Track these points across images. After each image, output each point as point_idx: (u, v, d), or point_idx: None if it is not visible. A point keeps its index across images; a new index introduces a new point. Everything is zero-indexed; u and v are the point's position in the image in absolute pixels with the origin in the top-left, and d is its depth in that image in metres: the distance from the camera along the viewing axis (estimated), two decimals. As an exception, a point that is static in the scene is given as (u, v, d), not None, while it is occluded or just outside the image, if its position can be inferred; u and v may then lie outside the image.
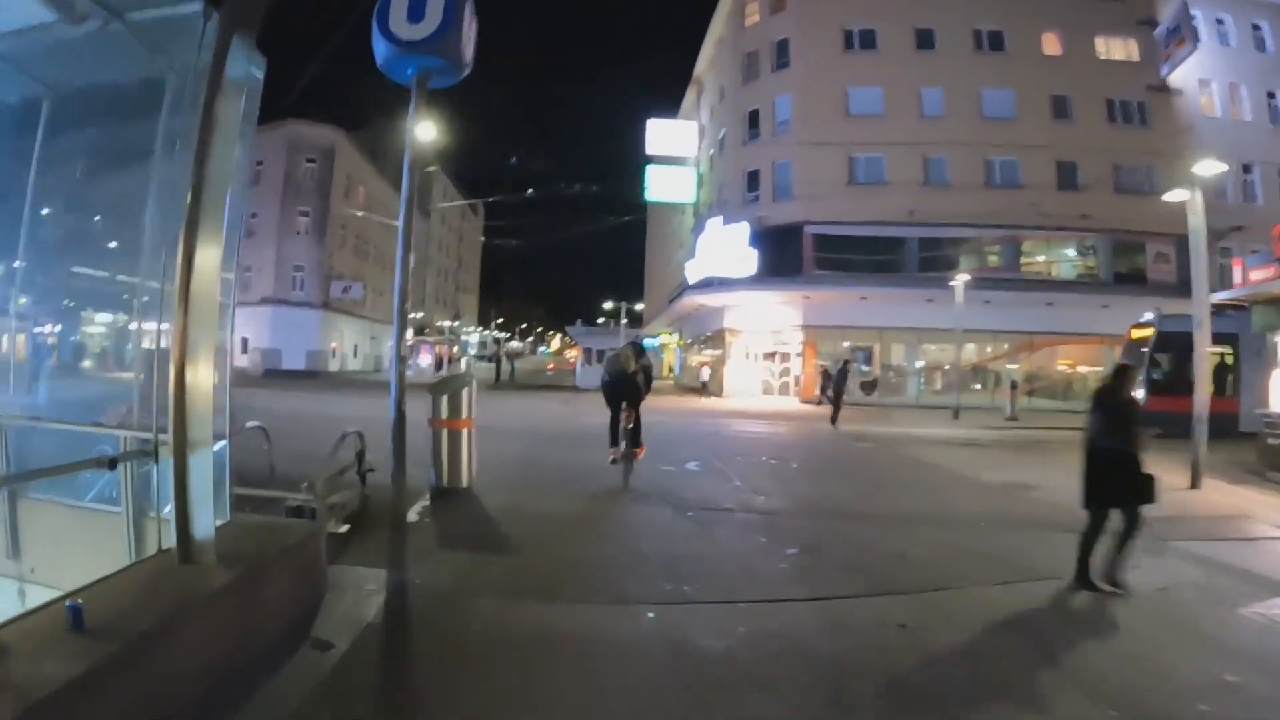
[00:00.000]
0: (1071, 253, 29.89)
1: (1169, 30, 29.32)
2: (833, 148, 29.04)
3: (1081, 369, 29.94)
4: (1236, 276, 13.46)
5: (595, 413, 19.12)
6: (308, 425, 14.87)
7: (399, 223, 6.16)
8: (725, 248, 29.42)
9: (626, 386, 9.29)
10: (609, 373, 9.47)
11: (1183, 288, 27.91)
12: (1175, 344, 18.76)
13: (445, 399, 7.85)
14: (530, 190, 26.84)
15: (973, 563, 6.05)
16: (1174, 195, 12.75)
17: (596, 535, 6.50)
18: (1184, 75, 29.57)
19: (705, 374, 31.45)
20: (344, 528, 6.02)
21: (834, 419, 18.11)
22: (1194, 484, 10.59)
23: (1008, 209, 28.07)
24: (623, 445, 9.23)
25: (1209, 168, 12.38)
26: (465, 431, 7.95)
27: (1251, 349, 19.04)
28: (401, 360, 6.15)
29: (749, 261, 28.66)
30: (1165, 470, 12.55)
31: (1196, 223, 11.73)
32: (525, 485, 8.68)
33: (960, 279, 23.45)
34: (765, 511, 7.80)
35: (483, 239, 79.24)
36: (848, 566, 5.76)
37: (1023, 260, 29.53)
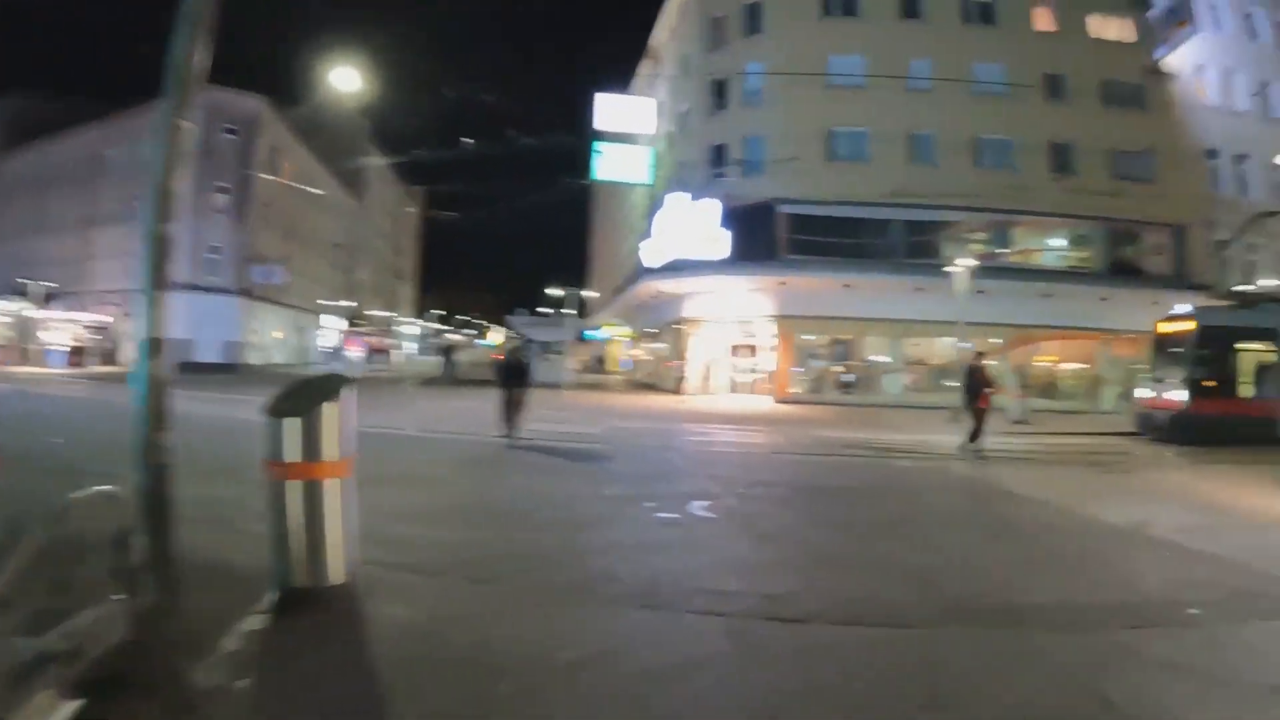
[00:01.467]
0: (1065, 241, 27.64)
1: (1168, 11, 28.00)
2: (810, 120, 26.02)
3: (1067, 366, 27.59)
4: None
5: (557, 418, 15.59)
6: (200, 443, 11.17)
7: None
8: (692, 227, 26.15)
9: (521, 374, 12.67)
10: (509, 363, 12.96)
11: (1178, 280, 26.46)
12: (1220, 339, 16.53)
13: (296, 427, 4.09)
14: (470, 140, 22.51)
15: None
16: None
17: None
18: (1179, 60, 28.42)
19: (683, 369, 28.05)
20: (66, 710, 2.48)
21: (975, 436, 12.76)
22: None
23: (999, 192, 25.50)
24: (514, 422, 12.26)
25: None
26: (333, 484, 4.22)
27: None
28: (154, 353, 2.76)
29: (720, 242, 25.44)
30: (1255, 490, 10.10)
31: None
32: (454, 569, 4.95)
33: (964, 264, 20.79)
34: (879, 619, 4.30)
35: (411, 209, 74.04)
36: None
37: (1014, 248, 27.02)
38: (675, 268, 27.15)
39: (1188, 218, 26.61)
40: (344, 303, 51.24)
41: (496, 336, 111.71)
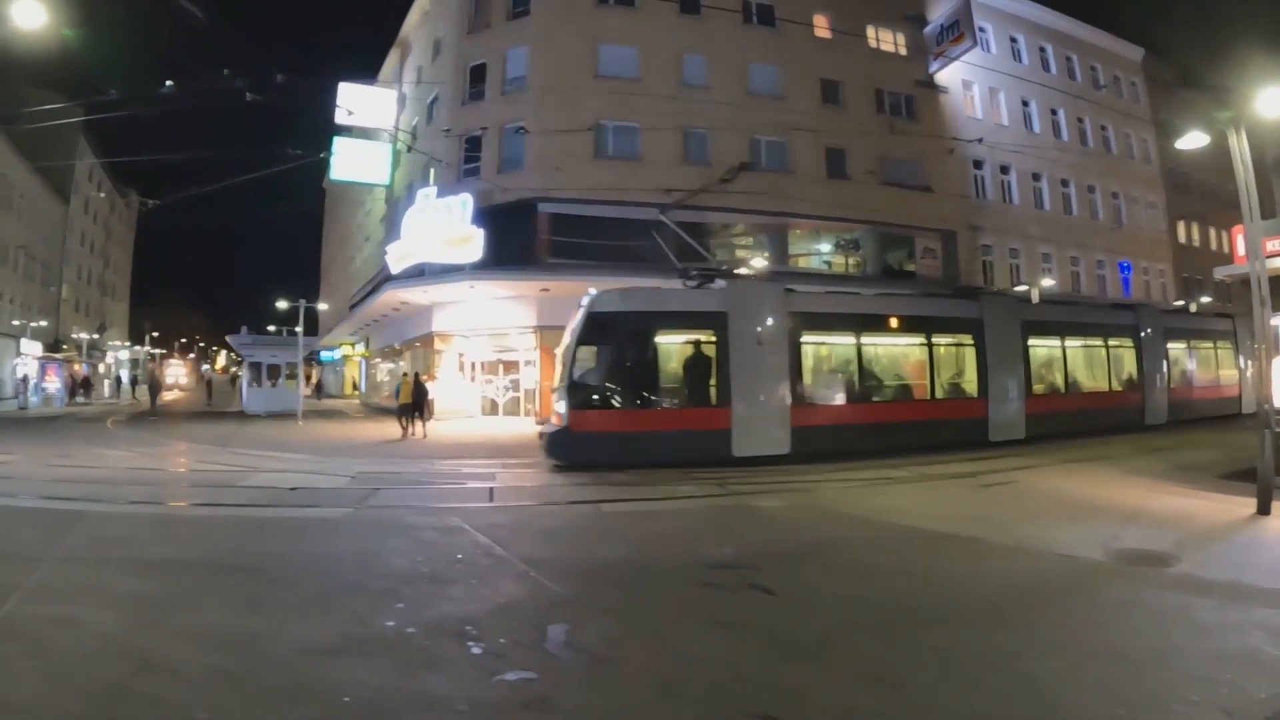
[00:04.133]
0: (839, 244, 27.13)
1: (944, 27, 28.56)
2: (577, 111, 23.33)
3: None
4: (1240, 248, 9.99)
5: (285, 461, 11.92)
6: None
7: None
8: (441, 226, 22.84)
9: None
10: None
11: (949, 283, 26.45)
12: (628, 330, 12.72)
13: None
14: (169, 82, 15.77)
15: None
16: (1189, 141, 9.30)
17: None
18: (949, 75, 29.26)
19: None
20: None
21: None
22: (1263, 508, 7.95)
23: (774, 194, 24.25)
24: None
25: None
26: None
27: (734, 337, 12.76)
28: None
29: (473, 243, 22.24)
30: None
31: (1247, 175, 8.79)
32: None
33: (756, 265, 19.76)
34: None
35: (123, 216, 63.95)
36: None
37: (790, 251, 25.98)
38: (421, 273, 23.77)
39: (955, 223, 26.59)
40: (40, 322, 42.89)
41: (221, 359, 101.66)
